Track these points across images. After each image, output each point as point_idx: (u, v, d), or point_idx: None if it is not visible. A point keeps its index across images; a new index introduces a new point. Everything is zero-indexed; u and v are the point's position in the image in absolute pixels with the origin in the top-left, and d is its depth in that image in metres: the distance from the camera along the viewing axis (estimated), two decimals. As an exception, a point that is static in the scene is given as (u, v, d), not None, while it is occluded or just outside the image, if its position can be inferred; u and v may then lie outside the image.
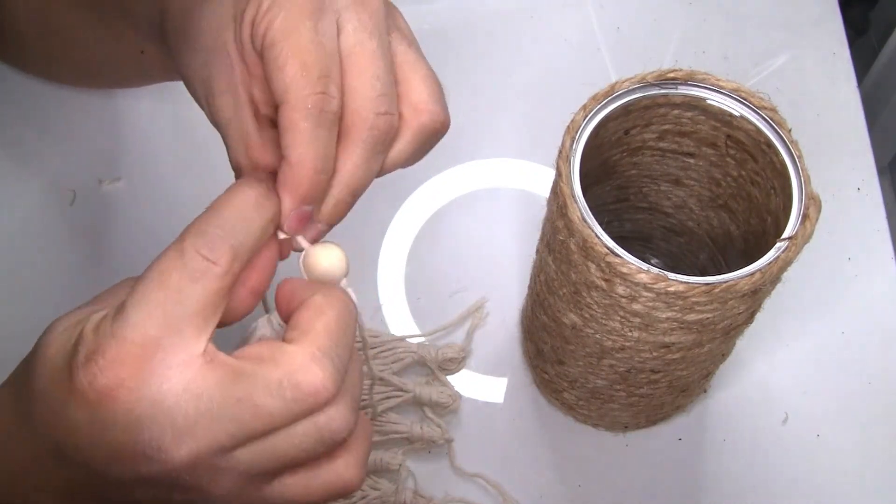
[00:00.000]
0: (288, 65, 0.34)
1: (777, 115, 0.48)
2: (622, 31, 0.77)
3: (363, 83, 0.36)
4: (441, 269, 0.67)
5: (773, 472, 0.60)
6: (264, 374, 0.32)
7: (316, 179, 0.35)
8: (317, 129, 0.34)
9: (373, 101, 0.36)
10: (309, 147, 0.34)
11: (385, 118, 0.36)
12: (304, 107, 0.34)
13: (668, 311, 0.45)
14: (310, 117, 0.34)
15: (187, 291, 0.32)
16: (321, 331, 0.34)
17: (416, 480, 0.59)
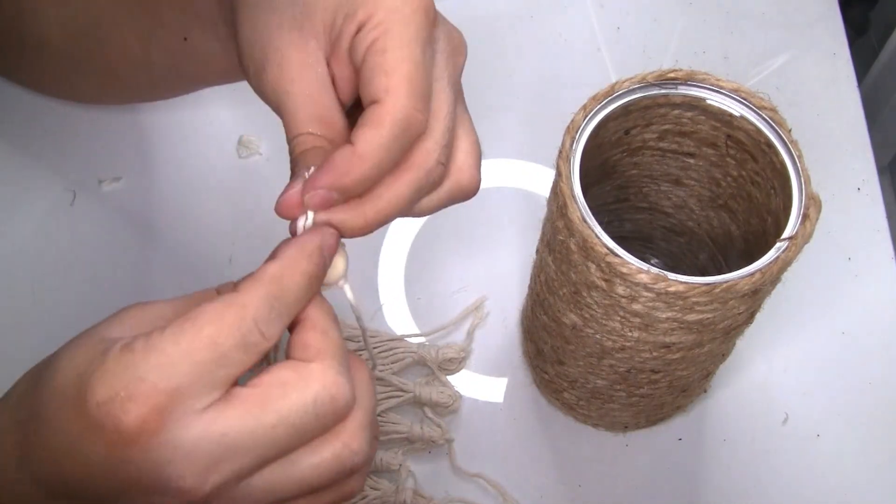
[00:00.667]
0: (397, 71, 0.35)
1: (777, 115, 0.48)
2: (622, 31, 0.77)
3: (437, 128, 0.37)
4: (441, 269, 0.67)
5: (773, 472, 0.60)
6: (297, 394, 0.33)
7: (365, 178, 0.36)
8: (396, 138, 0.36)
9: (439, 149, 0.37)
10: (380, 148, 0.35)
11: (441, 169, 0.38)
12: (397, 113, 0.35)
13: (668, 311, 0.45)
14: (397, 125, 0.35)
15: (233, 358, 0.32)
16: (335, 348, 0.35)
17: (416, 480, 0.59)
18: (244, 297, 0.33)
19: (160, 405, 0.31)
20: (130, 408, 0.30)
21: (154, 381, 0.31)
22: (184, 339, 0.31)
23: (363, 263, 0.67)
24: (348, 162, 0.35)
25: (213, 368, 0.32)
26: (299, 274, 0.34)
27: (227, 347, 0.32)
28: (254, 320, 0.32)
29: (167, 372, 0.31)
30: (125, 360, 0.31)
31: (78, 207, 0.67)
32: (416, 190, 0.37)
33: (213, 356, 0.32)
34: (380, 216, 0.37)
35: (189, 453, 0.31)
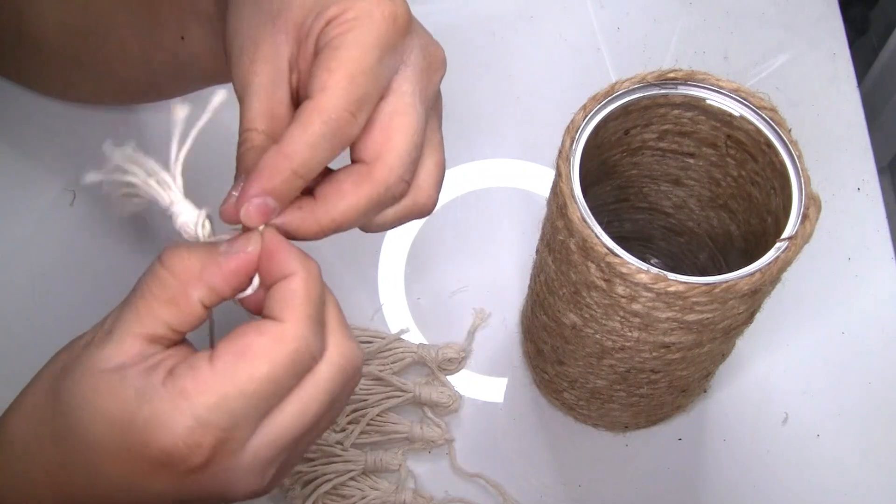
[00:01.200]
0: (339, 71, 0.35)
1: (777, 115, 0.48)
2: (622, 31, 0.77)
3: (402, 144, 0.37)
4: (441, 269, 0.67)
5: (773, 471, 0.60)
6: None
7: (292, 178, 0.35)
8: (324, 138, 0.35)
9: (403, 166, 0.37)
10: (306, 148, 0.35)
11: (403, 186, 0.38)
12: (327, 114, 0.35)
13: (668, 311, 0.45)
14: (326, 125, 0.35)
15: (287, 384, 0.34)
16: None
17: (416, 480, 0.59)
18: (290, 331, 0.33)
19: (224, 441, 0.32)
20: (198, 451, 0.32)
21: (215, 423, 0.32)
22: (240, 380, 0.32)
23: (363, 263, 0.67)
24: (273, 163, 0.35)
25: (269, 398, 0.33)
26: (317, 280, 0.35)
27: (282, 380, 0.33)
28: (307, 349, 0.33)
29: (225, 412, 0.32)
30: (181, 405, 0.32)
31: (78, 207, 0.67)
32: (375, 203, 0.37)
33: (270, 390, 0.33)
34: (333, 224, 0.37)
35: (252, 466, 0.33)
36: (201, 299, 0.34)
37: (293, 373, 0.33)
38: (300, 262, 0.35)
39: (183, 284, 0.34)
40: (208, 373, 0.32)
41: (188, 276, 0.34)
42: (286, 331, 0.33)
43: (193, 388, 0.32)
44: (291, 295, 0.34)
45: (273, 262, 0.35)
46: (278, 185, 0.35)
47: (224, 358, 0.32)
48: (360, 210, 0.37)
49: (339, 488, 0.58)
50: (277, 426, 0.33)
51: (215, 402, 0.32)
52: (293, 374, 0.33)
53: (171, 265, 0.34)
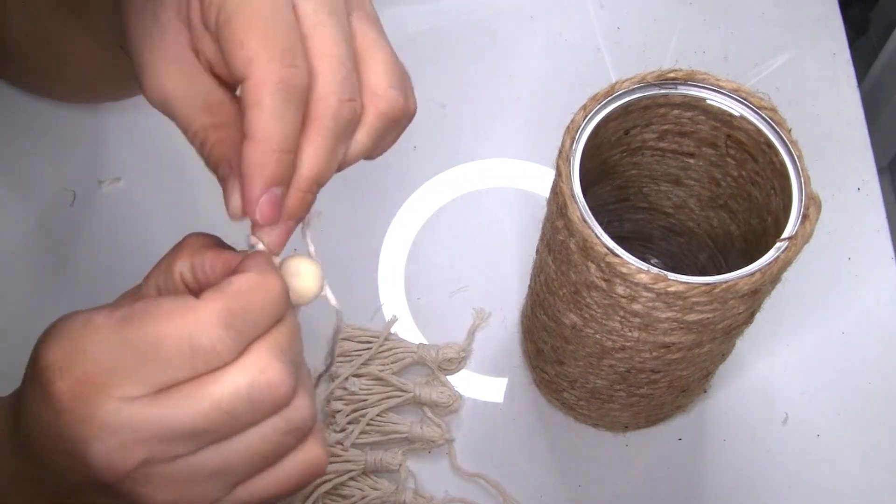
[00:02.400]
0: (250, 38, 0.32)
1: (777, 115, 0.48)
2: (622, 31, 0.77)
3: (326, 66, 0.34)
4: (441, 269, 0.67)
5: (773, 472, 0.60)
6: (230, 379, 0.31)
7: (283, 158, 0.33)
8: (284, 104, 0.32)
9: (337, 87, 0.34)
10: (276, 124, 0.32)
11: (349, 105, 0.34)
12: (270, 81, 0.32)
13: (668, 311, 0.45)
14: (277, 92, 0.32)
15: (174, 363, 0.31)
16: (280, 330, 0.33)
17: (416, 480, 0.59)
18: (201, 307, 0.31)
19: (93, 380, 0.30)
20: (65, 375, 0.30)
21: (94, 357, 0.30)
22: (129, 328, 0.31)
23: (363, 263, 0.67)
24: (257, 154, 0.32)
25: (151, 367, 0.31)
26: (266, 292, 0.32)
27: (170, 352, 0.30)
28: (205, 333, 0.30)
29: (107, 352, 0.30)
30: (76, 329, 0.31)
31: (78, 207, 0.67)
32: (333, 137, 0.34)
33: (153, 355, 0.31)
34: (311, 181, 0.34)
35: (114, 433, 0.30)
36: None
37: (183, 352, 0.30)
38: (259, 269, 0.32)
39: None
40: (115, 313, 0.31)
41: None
42: (192, 307, 0.31)
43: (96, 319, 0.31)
44: (225, 284, 0.32)
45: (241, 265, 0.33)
46: (274, 171, 0.33)
47: (136, 305, 0.31)
48: (325, 157, 0.34)
49: (339, 488, 0.58)
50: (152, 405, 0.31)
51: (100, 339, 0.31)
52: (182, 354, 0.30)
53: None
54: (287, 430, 0.33)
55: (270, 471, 0.34)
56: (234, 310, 0.31)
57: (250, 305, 0.32)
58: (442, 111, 0.71)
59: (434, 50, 0.75)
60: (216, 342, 0.31)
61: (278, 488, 0.34)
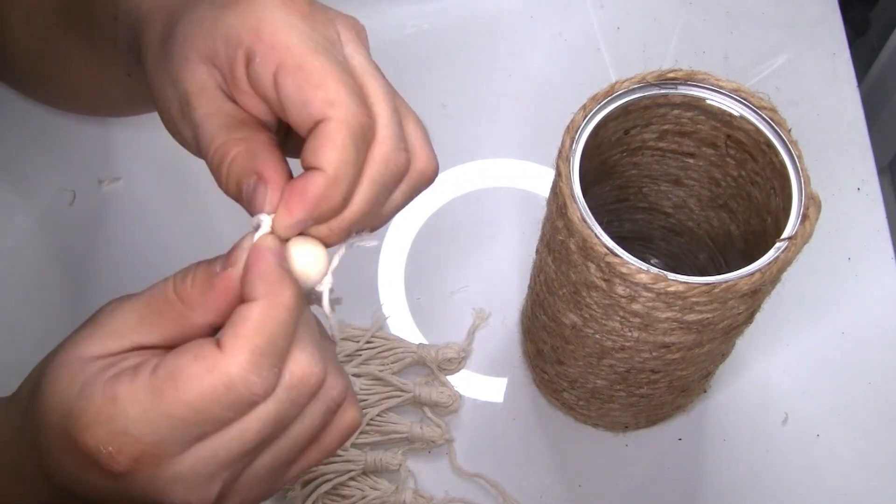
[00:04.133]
0: (328, 83, 0.33)
1: (777, 115, 0.48)
2: (622, 31, 0.77)
3: (382, 115, 0.35)
4: (441, 269, 0.67)
5: (773, 472, 0.60)
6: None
7: (342, 199, 0.34)
8: (358, 148, 0.33)
9: (392, 135, 0.35)
10: (349, 166, 0.33)
11: (404, 154, 0.35)
12: (352, 124, 0.33)
13: (667, 311, 0.45)
14: (354, 136, 0.33)
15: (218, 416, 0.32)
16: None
17: (416, 480, 0.59)
18: (228, 360, 0.31)
19: (147, 453, 0.31)
20: (119, 458, 0.31)
21: (137, 436, 0.31)
22: (164, 401, 0.31)
23: (363, 263, 0.67)
24: (322, 189, 0.33)
25: (197, 426, 0.32)
26: (282, 309, 0.32)
27: (212, 410, 0.31)
28: (241, 383, 0.31)
29: (149, 428, 0.31)
30: (108, 410, 0.31)
31: (78, 207, 0.67)
32: (382, 184, 0.35)
33: (195, 417, 0.31)
34: (345, 224, 0.35)
35: (184, 481, 0.32)
36: (204, 320, 0.33)
37: (226, 405, 0.31)
38: (267, 286, 0.32)
39: (185, 307, 0.33)
40: (142, 385, 0.31)
41: (190, 301, 0.33)
42: (220, 362, 0.31)
43: (124, 397, 0.31)
44: (242, 322, 0.31)
45: (245, 280, 0.33)
46: (326, 210, 0.34)
47: (160, 373, 0.31)
48: (370, 203, 0.35)
49: (339, 488, 0.58)
50: (212, 448, 0.32)
51: (139, 416, 0.31)
52: (226, 407, 0.31)
53: (179, 290, 0.34)
54: (326, 410, 0.35)
55: (316, 444, 0.36)
56: (260, 348, 0.32)
57: (273, 335, 0.32)
58: (442, 111, 0.71)
59: (434, 50, 0.75)
60: (253, 386, 0.31)
61: (323, 455, 0.36)
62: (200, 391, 0.31)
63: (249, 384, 0.31)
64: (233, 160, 0.34)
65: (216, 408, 0.31)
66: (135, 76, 0.45)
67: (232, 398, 0.31)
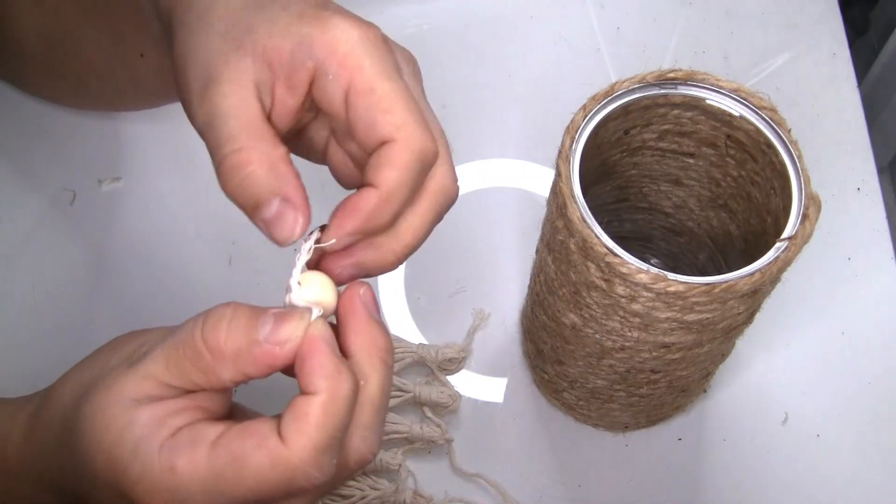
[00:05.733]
0: (397, 108, 0.35)
1: (777, 115, 0.48)
2: (622, 31, 0.77)
3: (443, 149, 0.37)
4: (441, 269, 0.67)
5: (773, 472, 0.60)
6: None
7: (392, 218, 0.35)
8: (418, 174, 0.35)
9: (451, 168, 0.37)
10: (405, 187, 0.35)
11: (456, 188, 0.37)
12: (415, 148, 0.35)
13: (667, 311, 0.45)
14: (417, 161, 0.35)
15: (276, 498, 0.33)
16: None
17: (416, 480, 0.59)
18: (291, 457, 0.32)
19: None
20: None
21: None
22: (225, 484, 0.32)
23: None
24: (376, 204, 0.34)
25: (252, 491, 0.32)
26: (343, 403, 0.33)
27: (272, 496, 0.32)
28: (303, 477, 0.32)
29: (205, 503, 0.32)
30: (167, 481, 0.32)
31: (78, 207, 0.67)
32: (439, 214, 0.37)
33: (256, 501, 0.32)
34: (408, 250, 0.37)
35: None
36: (232, 379, 0.34)
37: (285, 493, 0.32)
38: (328, 379, 0.33)
39: (215, 362, 0.33)
40: (202, 459, 0.32)
41: (221, 357, 0.33)
42: (284, 458, 0.32)
43: (183, 471, 0.32)
44: (304, 418, 0.32)
45: (302, 371, 0.33)
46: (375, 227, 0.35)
47: (222, 452, 0.32)
48: (428, 227, 0.37)
49: (339, 488, 0.58)
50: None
51: (198, 493, 0.32)
52: (285, 494, 0.32)
53: (208, 339, 0.33)
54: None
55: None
56: (323, 444, 0.32)
57: (334, 430, 0.33)
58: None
59: (434, 50, 0.75)
60: (314, 480, 0.32)
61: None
62: (262, 480, 0.32)
63: (311, 478, 0.32)
64: (253, 172, 0.34)
65: (274, 494, 0.32)
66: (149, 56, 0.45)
67: (292, 488, 0.32)
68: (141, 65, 0.47)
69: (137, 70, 0.48)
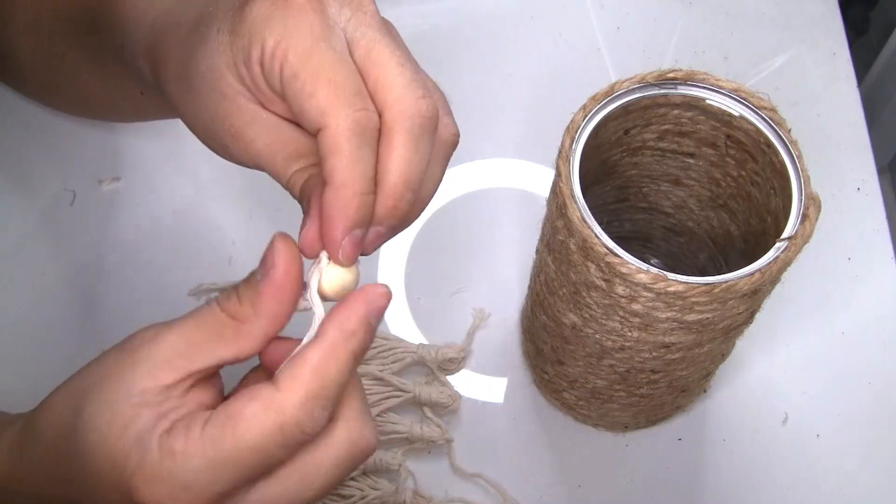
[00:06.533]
0: (318, 89, 0.33)
1: (777, 115, 0.48)
2: (622, 31, 0.77)
3: (390, 74, 0.34)
4: (441, 269, 0.67)
5: (773, 472, 0.60)
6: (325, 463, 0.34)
7: (363, 200, 0.34)
8: (360, 148, 0.33)
9: (407, 88, 0.34)
10: (354, 168, 0.33)
11: (426, 101, 0.34)
12: (345, 128, 0.33)
13: (667, 311, 0.45)
14: (353, 137, 0.33)
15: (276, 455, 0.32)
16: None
17: (416, 480, 0.59)
18: (284, 401, 0.32)
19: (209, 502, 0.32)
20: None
21: (199, 490, 0.32)
22: (225, 447, 0.32)
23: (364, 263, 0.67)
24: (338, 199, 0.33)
25: (256, 468, 0.32)
26: (343, 359, 0.33)
27: (270, 451, 0.32)
28: (296, 424, 0.32)
29: (210, 479, 0.32)
30: (167, 465, 0.32)
31: (78, 207, 0.67)
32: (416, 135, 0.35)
33: (256, 460, 0.32)
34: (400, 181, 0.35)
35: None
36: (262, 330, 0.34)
37: (281, 444, 0.32)
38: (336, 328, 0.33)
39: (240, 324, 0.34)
40: (198, 436, 0.32)
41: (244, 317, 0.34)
42: (276, 400, 0.32)
43: (182, 451, 0.32)
44: (300, 365, 0.32)
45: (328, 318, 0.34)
46: (355, 214, 0.34)
47: (214, 422, 0.32)
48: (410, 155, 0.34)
49: (340, 488, 0.58)
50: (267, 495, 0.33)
51: (200, 467, 0.32)
52: (281, 446, 0.32)
53: (225, 307, 0.34)
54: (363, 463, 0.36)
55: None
56: (314, 391, 0.32)
57: (328, 379, 0.33)
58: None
59: (434, 50, 0.75)
60: (304, 427, 0.32)
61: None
62: (258, 431, 0.32)
63: (304, 425, 0.32)
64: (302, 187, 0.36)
65: (277, 446, 0.32)
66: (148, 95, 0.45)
67: (289, 438, 0.32)
68: (143, 99, 0.47)
69: (140, 102, 0.48)
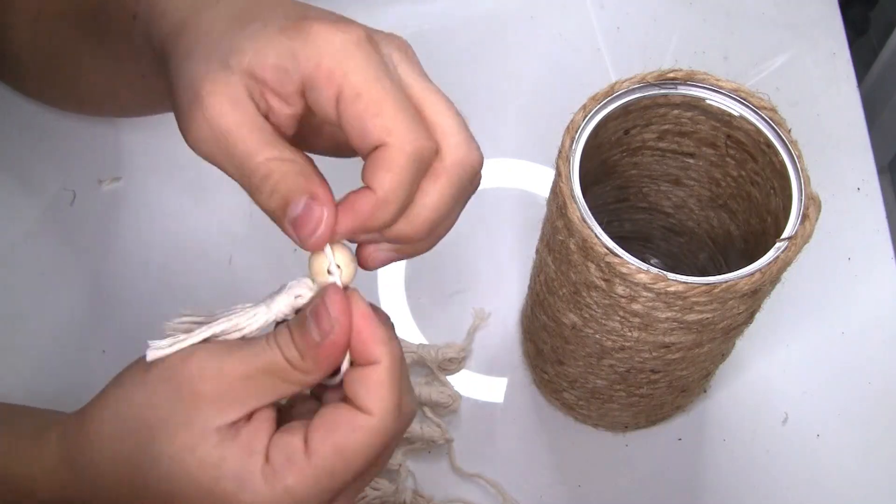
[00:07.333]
0: (385, 110, 0.34)
1: (777, 115, 0.48)
2: (622, 31, 0.77)
3: (447, 120, 0.37)
4: (441, 269, 0.67)
5: (773, 472, 0.60)
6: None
7: (391, 220, 0.36)
8: (414, 175, 0.35)
9: (463, 138, 0.37)
10: (401, 190, 0.35)
11: (478, 155, 0.37)
12: (409, 151, 0.34)
13: (667, 311, 0.45)
14: (413, 163, 0.35)
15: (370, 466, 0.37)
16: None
17: (416, 480, 0.59)
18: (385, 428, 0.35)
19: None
20: None
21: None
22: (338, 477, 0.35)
23: (363, 263, 0.67)
24: (372, 207, 0.35)
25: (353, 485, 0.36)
26: (402, 363, 0.38)
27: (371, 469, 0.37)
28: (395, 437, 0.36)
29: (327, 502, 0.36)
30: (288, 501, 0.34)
31: (78, 207, 0.67)
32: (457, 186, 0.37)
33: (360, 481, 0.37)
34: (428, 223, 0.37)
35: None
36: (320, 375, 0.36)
37: (382, 454, 0.36)
38: (386, 346, 0.37)
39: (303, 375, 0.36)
40: (307, 468, 0.34)
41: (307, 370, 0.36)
42: (377, 427, 0.35)
43: (296, 485, 0.34)
44: (378, 386, 0.36)
45: (359, 344, 0.36)
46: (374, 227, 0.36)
47: (321, 452, 0.34)
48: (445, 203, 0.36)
49: (339, 488, 0.58)
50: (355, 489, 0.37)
51: (317, 494, 0.35)
52: (380, 459, 0.36)
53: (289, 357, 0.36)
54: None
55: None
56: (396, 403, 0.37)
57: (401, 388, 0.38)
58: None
59: (434, 50, 0.75)
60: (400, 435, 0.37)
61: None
62: (366, 455, 0.35)
63: (398, 435, 0.36)
64: (282, 178, 0.35)
65: (374, 462, 0.36)
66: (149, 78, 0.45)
67: (387, 452, 0.36)
68: (144, 85, 0.47)
69: (141, 89, 0.48)
